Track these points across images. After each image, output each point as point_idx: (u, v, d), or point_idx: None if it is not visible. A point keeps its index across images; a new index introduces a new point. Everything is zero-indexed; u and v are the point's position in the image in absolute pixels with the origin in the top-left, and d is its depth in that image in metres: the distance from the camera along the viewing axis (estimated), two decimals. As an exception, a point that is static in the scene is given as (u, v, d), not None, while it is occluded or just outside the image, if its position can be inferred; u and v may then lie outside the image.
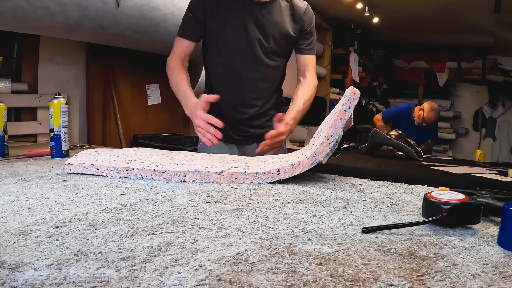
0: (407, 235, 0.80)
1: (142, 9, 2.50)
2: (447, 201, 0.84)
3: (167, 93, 3.74)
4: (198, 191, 1.14)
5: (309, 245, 0.73)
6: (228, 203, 1.02)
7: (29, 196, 1.04)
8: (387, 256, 0.68)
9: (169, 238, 0.74)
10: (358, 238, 0.77)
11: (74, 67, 3.03)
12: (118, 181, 1.25)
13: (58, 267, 0.60)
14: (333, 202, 1.06)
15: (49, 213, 0.88)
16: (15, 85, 2.63)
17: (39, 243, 0.69)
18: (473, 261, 0.67)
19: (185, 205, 0.98)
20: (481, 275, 0.61)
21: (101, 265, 0.61)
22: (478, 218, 0.85)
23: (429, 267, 0.64)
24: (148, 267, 0.61)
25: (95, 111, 3.19)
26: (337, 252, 0.70)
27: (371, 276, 0.60)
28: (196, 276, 0.58)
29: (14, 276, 0.56)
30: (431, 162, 3.91)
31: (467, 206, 0.83)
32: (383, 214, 0.96)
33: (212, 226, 0.82)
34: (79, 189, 1.14)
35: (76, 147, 2.21)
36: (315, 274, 0.60)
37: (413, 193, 1.21)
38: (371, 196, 1.14)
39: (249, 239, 0.74)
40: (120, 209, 0.93)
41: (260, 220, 0.87)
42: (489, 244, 0.76)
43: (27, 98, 2.68)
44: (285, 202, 1.04)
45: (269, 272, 0.60)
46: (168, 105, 3.81)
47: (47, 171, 1.41)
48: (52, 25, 2.15)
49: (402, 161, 3.96)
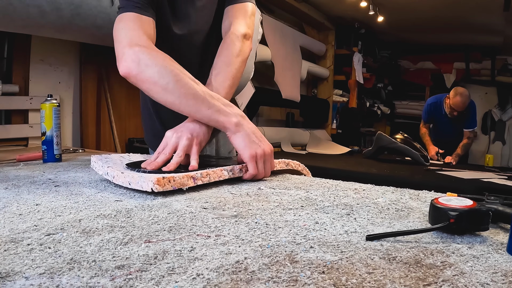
0: (413, 242, 0.80)
1: None
2: (454, 207, 0.84)
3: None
4: (196, 197, 1.14)
5: (311, 253, 0.73)
6: (227, 209, 1.02)
7: (20, 202, 1.04)
8: (392, 265, 0.68)
9: (166, 246, 0.74)
10: (362, 245, 0.77)
11: (67, 68, 3.04)
12: (113, 187, 1.25)
13: (50, 276, 0.60)
14: (336, 208, 1.06)
15: (41, 220, 0.88)
16: (6, 87, 2.62)
17: (30, 251, 0.69)
18: (482, 269, 0.67)
19: (183, 212, 0.98)
20: (490, 284, 0.61)
21: (95, 274, 0.61)
22: (487, 225, 0.85)
23: (436, 276, 0.64)
24: (144, 276, 0.61)
25: (89, 114, 3.18)
26: (341, 260, 0.70)
27: (375, 285, 0.60)
28: (194, 285, 0.58)
29: (4, 285, 0.56)
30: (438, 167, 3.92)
31: (475, 213, 0.84)
32: (388, 221, 0.96)
33: (211, 234, 0.82)
34: (72, 195, 1.14)
35: (69, 151, 2.21)
36: (318, 283, 0.60)
37: (419, 199, 1.21)
38: (376, 202, 1.14)
39: (249, 247, 0.74)
40: (114, 215, 0.93)
41: (260, 227, 0.87)
42: (498, 252, 0.76)
43: (18, 100, 2.68)
44: (286, 209, 1.04)
45: (270, 281, 0.60)
46: (165, 108, 3.80)
47: (38, 176, 1.41)
48: (44, 24, 2.16)
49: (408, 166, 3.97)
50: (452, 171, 3.59)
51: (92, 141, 3.21)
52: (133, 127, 3.52)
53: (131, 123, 3.52)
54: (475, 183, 3.03)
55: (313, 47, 5.50)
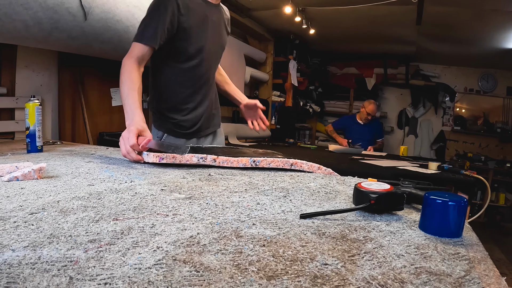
0: (339, 220, 0.83)
1: (107, 22, 2.53)
2: (375, 191, 0.87)
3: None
4: (156, 181, 1.13)
5: (254, 229, 0.74)
6: (182, 192, 1.02)
7: (8, 186, 1.01)
8: (322, 239, 0.70)
9: (131, 223, 0.73)
10: (296, 223, 0.79)
11: (47, 73, 3.02)
12: (86, 173, 1.23)
13: (33, 249, 0.59)
14: (275, 191, 1.08)
15: (25, 201, 0.86)
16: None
17: (16, 228, 0.68)
18: (398, 243, 0.70)
19: (145, 194, 0.97)
20: (405, 256, 0.64)
21: (71, 246, 0.61)
22: (402, 206, 0.89)
23: (359, 248, 0.67)
24: (112, 249, 0.61)
25: (66, 112, 3.18)
26: (278, 235, 0.71)
27: (308, 257, 0.62)
28: (155, 257, 0.58)
29: (-7, 257, 0.56)
30: (361, 156, 4.02)
31: (392, 195, 0.87)
32: (318, 202, 0.98)
33: (168, 213, 0.82)
34: (51, 180, 1.11)
35: (49, 143, 2.19)
36: (259, 255, 0.61)
37: (345, 184, 1.24)
38: (308, 186, 1.17)
39: (201, 224, 0.75)
40: (87, 197, 0.92)
41: (210, 207, 0.88)
42: (411, 228, 0.80)
43: (6, 100, 2.68)
44: (233, 192, 1.05)
45: (219, 253, 0.61)
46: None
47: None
48: (28, 36, 2.16)
49: (336, 155, 4.05)
50: (372, 160, 3.68)
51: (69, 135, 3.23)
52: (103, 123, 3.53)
53: (102, 120, 3.53)
54: (392, 170, 3.12)
55: (255, 55, 5.53)
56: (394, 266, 0.60)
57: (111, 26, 2.57)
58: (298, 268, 0.57)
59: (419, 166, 3.42)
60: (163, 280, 0.51)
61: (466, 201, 0.75)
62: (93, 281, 0.50)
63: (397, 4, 3.97)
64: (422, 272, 0.58)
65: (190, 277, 0.53)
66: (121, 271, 0.53)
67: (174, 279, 0.52)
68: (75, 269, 0.53)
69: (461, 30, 4.84)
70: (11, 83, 2.74)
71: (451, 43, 5.61)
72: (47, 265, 0.54)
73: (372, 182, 0.97)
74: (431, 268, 0.60)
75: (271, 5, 4.69)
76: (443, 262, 0.62)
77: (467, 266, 0.61)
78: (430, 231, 0.76)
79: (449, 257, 0.65)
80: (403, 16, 4.49)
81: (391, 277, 0.56)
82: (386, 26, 5.09)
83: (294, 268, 0.57)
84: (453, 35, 5.09)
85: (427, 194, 0.78)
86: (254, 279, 0.53)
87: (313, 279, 0.54)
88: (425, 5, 4.03)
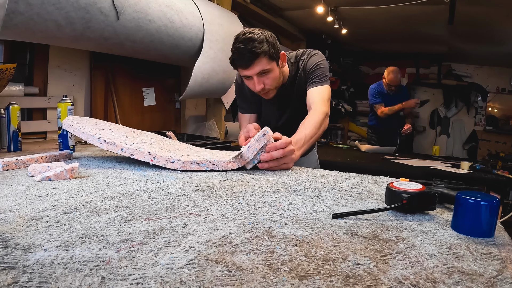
0: (371, 220, 0.81)
1: (139, 22, 2.52)
2: (407, 190, 0.85)
3: (160, 96, 3.77)
4: (188, 181, 1.14)
5: (286, 229, 0.73)
6: (215, 192, 1.02)
7: (40, 186, 1.03)
8: (354, 239, 0.69)
9: (163, 223, 0.74)
10: (329, 223, 0.78)
11: (79, 72, 3.04)
12: (118, 173, 1.24)
13: (65, 249, 0.60)
14: (307, 191, 1.07)
15: (58, 201, 0.87)
16: (28, 89, 2.65)
17: (48, 227, 0.69)
18: (430, 243, 0.68)
19: (177, 194, 0.98)
20: (437, 255, 0.62)
21: (103, 246, 0.61)
22: (434, 205, 0.86)
23: (391, 248, 0.65)
24: (145, 248, 0.61)
25: (98, 111, 3.19)
26: (310, 235, 0.70)
27: (340, 256, 0.61)
28: (187, 256, 0.58)
29: (26, 256, 0.56)
30: (393, 156, 3.95)
31: (424, 195, 0.85)
32: (350, 202, 0.97)
33: (201, 213, 0.82)
34: (83, 180, 1.13)
35: (81, 143, 2.21)
36: (291, 255, 0.60)
37: (377, 183, 1.22)
38: (340, 186, 1.15)
39: (233, 224, 0.75)
40: (119, 197, 0.93)
41: (242, 207, 0.88)
42: (444, 228, 0.77)
43: (38, 100, 2.70)
44: (265, 191, 1.04)
45: (251, 252, 0.61)
46: (162, 106, 3.82)
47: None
48: (60, 36, 2.17)
49: (368, 155, 4.00)
50: (404, 159, 3.62)
51: (101, 135, 3.24)
52: (135, 122, 3.53)
53: (134, 119, 3.52)
54: (424, 170, 3.07)
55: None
56: (426, 266, 0.58)
57: (143, 26, 2.57)
58: (330, 268, 0.56)
59: (451, 166, 3.35)
60: (195, 280, 0.51)
61: (498, 201, 0.72)
62: (125, 281, 0.50)
63: (429, 4, 3.89)
64: (454, 272, 0.56)
65: (222, 277, 0.52)
66: (153, 271, 0.53)
67: (206, 279, 0.51)
68: (107, 269, 0.53)
69: (493, 30, 4.69)
70: (43, 83, 2.76)
71: (483, 43, 5.44)
72: (79, 265, 0.54)
73: (404, 182, 0.94)
74: (463, 268, 0.58)
75: (303, 5, 4.66)
76: (475, 262, 0.60)
77: (499, 266, 0.59)
78: (462, 231, 0.74)
79: (481, 257, 0.62)
80: (435, 15, 4.40)
81: (423, 277, 0.54)
82: (418, 26, 4.99)
83: (326, 268, 0.56)
84: (485, 34, 4.94)
85: (459, 194, 0.76)
86: (286, 279, 0.52)
87: (345, 279, 0.53)
88: (457, 4, 3.92)
